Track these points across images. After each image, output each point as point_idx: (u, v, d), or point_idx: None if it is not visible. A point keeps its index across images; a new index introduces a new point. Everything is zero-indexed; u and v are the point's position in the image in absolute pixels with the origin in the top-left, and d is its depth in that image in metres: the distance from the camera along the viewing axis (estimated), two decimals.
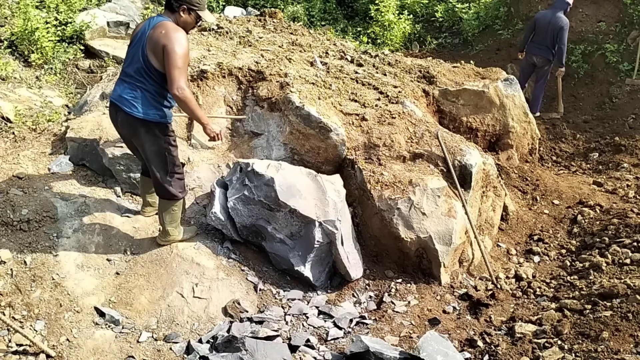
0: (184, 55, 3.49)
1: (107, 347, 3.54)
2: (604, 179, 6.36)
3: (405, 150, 4.89)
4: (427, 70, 6.12)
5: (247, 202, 4.30)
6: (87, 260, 3.96)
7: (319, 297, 4.30)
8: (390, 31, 9.99)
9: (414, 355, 3.47)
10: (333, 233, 4.23)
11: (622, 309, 3.73)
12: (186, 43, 3.52)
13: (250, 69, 5.25)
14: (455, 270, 4.64)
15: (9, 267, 3.77)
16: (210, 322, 3.88)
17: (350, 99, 5.23)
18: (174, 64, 3.45)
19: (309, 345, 3.80)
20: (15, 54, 6.45)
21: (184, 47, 3.49)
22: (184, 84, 3.47)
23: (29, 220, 4.01)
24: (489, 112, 5.98)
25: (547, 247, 5.16)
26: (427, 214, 4.47)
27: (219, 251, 4.32)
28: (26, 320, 3.57)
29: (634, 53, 8.14)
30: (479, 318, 4.21)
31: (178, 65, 3.46)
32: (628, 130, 7.31)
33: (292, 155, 4.87)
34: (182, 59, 3.47)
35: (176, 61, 3.46)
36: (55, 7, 7.15)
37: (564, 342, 3.64)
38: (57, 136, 4.96)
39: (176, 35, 3.50)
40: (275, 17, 7.71)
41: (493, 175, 5.18)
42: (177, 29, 3.54)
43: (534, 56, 7.59)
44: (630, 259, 4.45)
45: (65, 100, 6.09)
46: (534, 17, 7.68)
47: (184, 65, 3.49)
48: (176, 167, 3.93)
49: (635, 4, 8.47)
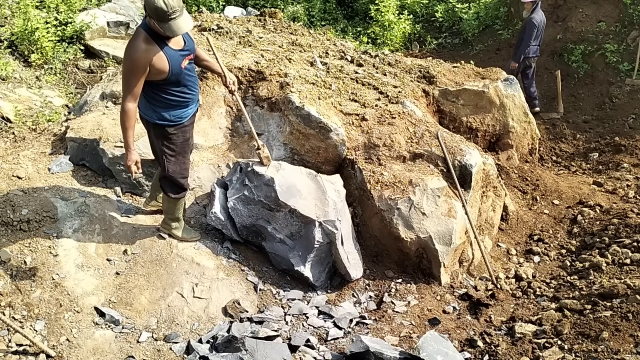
0: (128, 71, 3.40)
1: (107, 347, 3.54)
2: (604, 179, 6.36)
3: (405, 150, 4.89)
4: (427, 70, 6.12)
5: (247, 202, 4.30)
6: (87, 260, 3.96)
7: (319, 297, 4.30)
8: (390, 31, 10.00)
9: (414, 355, 3.47)
10: (333, 233, 4.23)
11: (622, 309, 3.73)
12: (134, 54, 3.36)
13: (250, 69, 5.26)
14: (455, 270, 4.64)
15: (9, 267, 3.77)
16: (210, 322, 3.88)
17: (350, 99, 5.23)
18: (122, 81, 3.48)
19: (309, 345, 3.80)
20: (15, 54, 6.45)
21: (129, 61, 3.38)
22: (125, 103, 3.44)
23: (29, 220, 4.01)
24: (489, 112, 5.99)
25: (547, 247, 5.16)
26: (427, 214, 4.47)
27: (219, 251, 4.32)
28: (26, 320, 3.57)
29: (634, 53, 8.13)
30: (479, 318, 4.21)
31: (123, 82, 3.45)
32: (628, 130, 7.31)
33: (292, 155, 4.88)
34: (126, 76, 3.42)
35: (122, 77, 3.47)
36: (55, 7, 7.16)
37: (564, 342, 3.64)
38: (57, 136, 4.96)
39: (127, 49, 3.43)
40: (275, 17, 7.71)
41: (493, 175, 5.18)
42: (133, 39, 3.42)
43: (536, 58, 7.57)
44: (630, 259, 4.45)
45: (65, 100, 6.09)
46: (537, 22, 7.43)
47: (129, 81, 3.40)
48: (175, 173, 3.86)
49: (635, 4, 8.47)
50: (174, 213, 4.12)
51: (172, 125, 3.71)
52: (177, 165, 3.86)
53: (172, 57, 3.47)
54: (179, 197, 4.02)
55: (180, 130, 3.77)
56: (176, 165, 3.85)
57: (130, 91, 3.42)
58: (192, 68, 3.75)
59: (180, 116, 3.74)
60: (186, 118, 3.79)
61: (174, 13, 3.27)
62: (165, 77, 3.49)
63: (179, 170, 3.89)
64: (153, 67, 3.40)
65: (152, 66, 3.40)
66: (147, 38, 3.38)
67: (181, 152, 3.84)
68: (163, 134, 3.74)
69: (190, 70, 3.71)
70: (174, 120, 3.71)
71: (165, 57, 3.43)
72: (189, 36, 3.66)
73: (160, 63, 3.41)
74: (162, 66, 3.43)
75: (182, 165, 3.89)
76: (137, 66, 3.37)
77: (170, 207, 4.09)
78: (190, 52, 3.63)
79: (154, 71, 3.42)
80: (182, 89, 3.66)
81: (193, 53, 3.69)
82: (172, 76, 3.51)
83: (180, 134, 3.78)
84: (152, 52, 3.38)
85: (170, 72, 3.48)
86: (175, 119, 3.71)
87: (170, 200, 4.02)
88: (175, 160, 3.84)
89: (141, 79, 3.41)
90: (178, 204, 4.08)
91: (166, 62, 3.43)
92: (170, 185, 3.95)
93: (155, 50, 3.38)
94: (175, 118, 3.71)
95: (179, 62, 3.52)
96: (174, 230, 4.19)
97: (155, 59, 3.38)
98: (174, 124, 3.71)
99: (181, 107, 3.72)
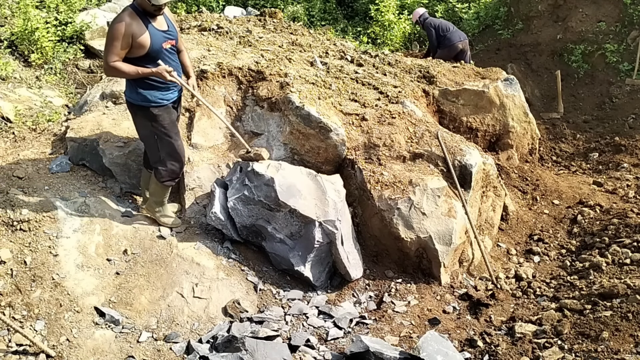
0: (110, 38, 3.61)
1: (107, 347, 3.54)
2: (604, 179, 6.36)
3: (405, 150, 4.89)
4: (427, 70, 6.12)
5: (247, 202, 4.30)
6: (87, 260, 3.95)
7: (319, 297, 4.30)
8: (390, 31, 9.99)
9: (414, 355, 3.47)
10: (333, 233, 4.23)
11: (622, 309, 3.73)
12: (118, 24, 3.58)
13: (250, 69, 5.25)
14: (455, 270, 4.64)
15: (9, 267, 3.77)
16: (210, 322, 3.88)
17: (350, 99, 5.23)
18: (104, 49, 3.67)
19: (309, 345, 3.80)
20: (15, 54, 6.44)
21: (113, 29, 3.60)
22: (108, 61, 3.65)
23: (29, 220, 4.01)
24: (489, 112, 5.98)
25: (547, 247, 5.15)
26: (427, 214, 4.47)
27: (219, 251, 4.32)
28: (26, 320, 3.57)
29: (634, 53, 8.14)
30: (479, 318, 4.21)
31: (106, 49, 3.66)
32: (628, 130, 7.31)
33: (292, 155, 4.87)
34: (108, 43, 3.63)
35: (105, 46, 3.68)
36: (55, 7, 7.15)
37: (564, 342, 3.64)
38: (57, 136, 4.96)
39: (111, 22, 3.69)
40: (275, 17, 7.71)
41: (493, 175, 5.18)
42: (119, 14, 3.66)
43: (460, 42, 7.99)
44: (630, 259, 4.45)
45: (65, 100, 6.09)
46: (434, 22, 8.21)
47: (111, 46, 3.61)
48: (166, 155, 4.00)
49: (635, 4, 8.47)
50: (160, 197, 4.25)
51: (155, 106, 3.88)
52: (169, 147, 3.99)
53: (154, 35, 3.71)
54: (170, 184, 4.16)
55: (165, 111, 3.94)
56: (168, 146, 3.98)
57: (112, 52, 3.64)
58: (173, 53, 3.94)
59: (162, 98, 3.91)
60: (168, 101, 3.95)
61: None
62: (145, 53, 3.70)
63: (171, 152, 4.01)
64: (134, 39, 3.63)
65: (134, 38, 3.63)
66: (132, 13, 3.66)
67: (170, 132, 3.97)
68: (149, 115, 3.90)
69: (171, 54, 3.90)
70: (156, 102, 3.88)
71: (147, 32, 3.67)
72: (172, 25, 3.89)
73: (142, 37, 3.65)
74: (144, 40, 3.66)
75: (173, 146, 4.01)
76: (119, 33, 3.60)
77: (157, 191, 4.22)
78: (172, 37, 3.86)
79: (135, 44, 3.65)
80: None
81: (175, 39, 3.91)
82: (152, 52, 3.72)
83: (166, 115, 3.94)
84: (135, 24, 3.64)
85: (151, 47, 3.69)
86: (157, 99, 3.88)
87: (158, 185, 4.15)
88: (168, 140, 3.97)
89: (123, 47, 3.64)
90: (165, 190, 4.21)
91: (148, 36, 3.67)
92: (163, 171, 4.05)
93: (138, 23, 3.64)
94: (157, 99, 3.88)
95: (160, 42, 3.75)
96: (157, 214, 4.30)
97: (137, 31, 3.63)
98: (157, 104, 3.88)
99: (161, 90, 3.89)
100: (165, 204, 4.32)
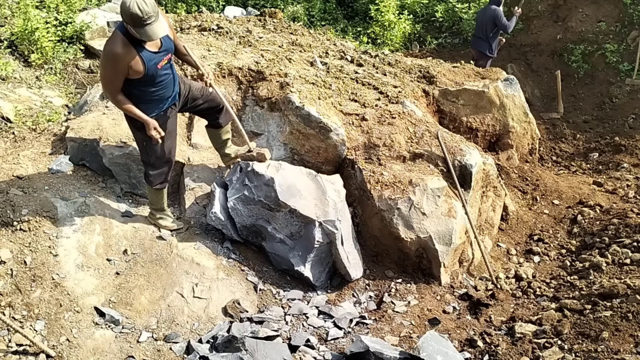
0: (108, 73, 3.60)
1: (107, 347, 3.54)
2: (604, 179, 6.36)
3: (405, 150, 4.89)
4: (427, 70, 6.12)
5: (247, 202, 4.30)
6: (87, 260, 3.95)
7: (319, 297, 4.30)
8: (390, 31, 9.99)
9: (414, 355, 3.47)
10: (333, 233, 4.23)
11: (622, 309, 3.73)
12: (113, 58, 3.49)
13: (250, 69, 5.26)
14: (455, 270, 4.64)
15: (9, 267, 3.77)
16: (210, 322, 3.88)
17: (350, 99, 5.23)
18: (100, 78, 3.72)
19: (309, 345, 3.80)
20: (15, 54, 6.44)
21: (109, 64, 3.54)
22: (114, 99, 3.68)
23: (29, 220, 4.01)
24: (489, 112, 5.98)
25: (547, 247, 5.16)
26: (427, 214, 4.47)
27: (219, 251, 4.32)
28: (26, 320, 3.57)
29: (634, 53, 8.14)
30: (479, 318, 4.21)
31: (105, 83, 3.69)
32: (628, 130, 7.32)
33: (292, 155, 4.87)
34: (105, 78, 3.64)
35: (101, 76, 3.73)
36: (55, 7, 7.14)
37: (564, 342, 3.64)
38: (57, 136, 4.96)
39: (104, 51, 3.57)
40: (275, 17, 7.71)
41: (493, 175, 5.18)
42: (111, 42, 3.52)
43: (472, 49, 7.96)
44: (630, 259, 4.45)
45: (65, 100, 6.08)
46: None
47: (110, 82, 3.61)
48: (156, 159, 4.00)
49: (635, 4, 8.47)
50: (157, 204, 4.27)
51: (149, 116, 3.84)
52: (159, 149, 3.97)
53: (148, 59, 3.59)
54: (161, 187, 4.16)
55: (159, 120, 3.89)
56: (157, 149, 3.96)
57: (113, 87, 3.64)
58: (171, 66, 3.85)
59: (153, 111, 3.86)
60: (160, 111, 3.90)
61: (149, 19, 3.35)
62: (140, 77, 3.63)
63: (161, 155, 4.00)
64: (130, 68, 3.55)
65: (130, 68, 3.54)
66: (125, 41, 3.48)
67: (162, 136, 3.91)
68: (137, 124, 3.87)
69: (168, 70, 3.81)
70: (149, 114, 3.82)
71: (140, 60, 3.55)
72: (167, 36, 3.73)
73: (136, 65, 3.56)
74: (138, 68, 3.58)
75: (164, 149, 3.99)
76: (116, 69, 3.54)
77: (153, 197, 4.25)
78: (167, 52, 3.74)
79: (131, 72, 3.58)
80: (156, 88, 3.77)
81: (171, 52, 3.80)
82: (147, 77, 3.65)
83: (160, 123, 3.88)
84: (130, 56, 3.50)
85: (146, 73, 3.61)
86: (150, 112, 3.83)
87: (152, 191, 4.17)
88: (155, 147, 3.94)
89: (121, 79, 3.60)
90: (160, 195, 4.22)
91: (141, 64, 3.57)
92: (153, 175, 4.06)
93: (132, 54, 3.51)
94: (150, 112, 3.83)
95: (155, 64, 3.65)
96: (159, 221, 4.31)
97: (130, 60, 3.52)
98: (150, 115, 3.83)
99: (156, 103, 3.84)
100: (165, 209, 4.32)
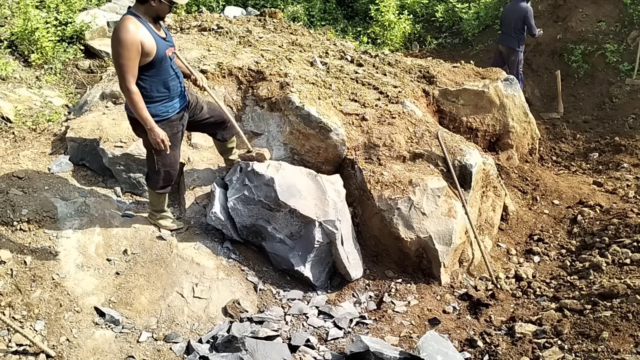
0: (122, 53, 3.42)
1: (107, 347, 3.54)
2: (604, 179, 6.36)
3: (405, 150, 4.89)
4: (427, 70, 6.12)
5: (247, 202, 4.30)
6: (87, 260, 3.96)
7: (319, 297, 4.30)
8: (390, 31, 10.00)
9: (414, 355, 3.47)
10: (333, 233, 4.23)
11: (622, 309, 3.73)
12: (126, 35, 3.39)
13: (250, 69, 5.26)
14: (455, 270, 4.64)
15: (9, 267, 3.77)
16: (210, 322, 3.88)
17: (350, 99, 5.23)
18: (114, 65, 3.55)
19: (309, 345, 3.80)
20: (15, 54, 6.44)
21: (121, 42, 3.40)
22: (126, 85, 3.50)
23: (29, 220, 4.01)
24: (489, 112, 5.99)
25: (547, 247, 5.15)
26: (427, 214, 4.47)
27: (219, 251, 4.32)
28: (26, 320, 3.57)
29: (634, 53, 8.13)
30: (479, 318, 4.21)
31: (117, 65, 3.48)
32: (628, 130, 7.32)
33: (292, 155, 4.87)
34: (120, 59, 3.44)
35: (115, 62, 3.50)
36: (55, 7, 7.15)
37: (564, 342, 3.64)
38: (57, 136, 4.96)
39: (115, 32, 3.45)
40: (275, 17, 7.71)
41: (493, 175, 5.18)
42: (121, 23, 3.47)
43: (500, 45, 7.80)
44: (630, 259, 4.45)
45: (65, 100, 6.09)
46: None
47: (125, 62, 3.44)
48: (162, 166, 3.97)
49: (635, 4, 8.46)
50: (158, 205, 4.27)
51: (158, 120, 3.75)
52: (167, 159, 3.95)
53: (159, 41, 3.60)
54: (164, 191, 4.16)
55: (168, 125, 3.82)
56: (166, 158, 3.94)
57: (129, 72, 3.48)
58: (173, 60, 3.86)
59: (167, 111, 3.80)
60: (173, 113, 3.84)
61: None
62: (150, 60, 3.57)
63: (168, 164, 3.98)
64: (143, 47, 3.49)
65: (143, 46, 3.48)
66: (135, 21, 3.49)
67: (171, 146, 3.87)
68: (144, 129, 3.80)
69: (173, 62, 3.82)
70: (159, 115, 3.76)
71: (152, 38, 3.55)
72: (169, 33, 3.82)
73: (149, 43, 3.52)
74: (151, 46, 3.53)
75: (171, 158, 3.98)
76: (130, 46, 3.42)
77: (154, 199, 4.24)
78: (172, 45, 3.78)
79: (143, 52, 3.50)
80: (165, 78, 3.73)
81: (174, 47, 3.83)
82: (157, 60, 3.60)
83: (168, 129, 3.82)
84: (142, 31, 3.49)
85: (157, 54, 3.57)
86: (162, 113, 3.78)
87: (154, 194, 4.16)
88: (165, 154, 3.90)
89: (136, 59, 3.48)
90: (162, 197, 4.23)
91: (154, 42, 3.55)
92: (157, 180, 4.04)
93: (144, 30, 3.51)
94: (161, 112, 3.77)
95: (164, 48, 3.65)
96: (159, 221, 4.31)
97: (144, 38, 3.49)
98: (160, 118, 3.77)
99: (166, 100, 3.78)
100: (166, 210, 4.33)
